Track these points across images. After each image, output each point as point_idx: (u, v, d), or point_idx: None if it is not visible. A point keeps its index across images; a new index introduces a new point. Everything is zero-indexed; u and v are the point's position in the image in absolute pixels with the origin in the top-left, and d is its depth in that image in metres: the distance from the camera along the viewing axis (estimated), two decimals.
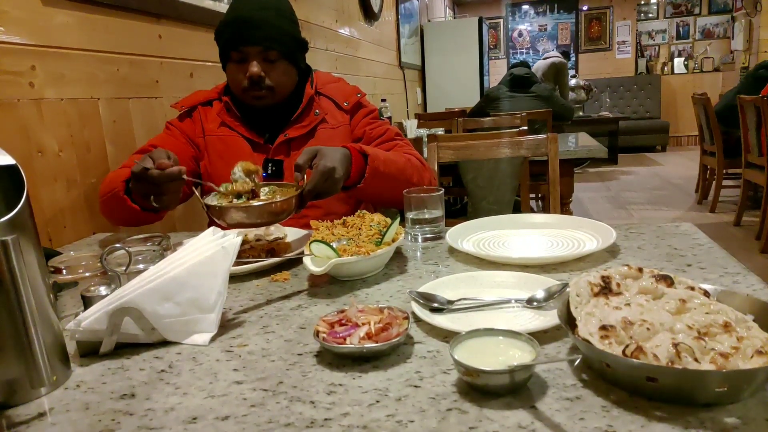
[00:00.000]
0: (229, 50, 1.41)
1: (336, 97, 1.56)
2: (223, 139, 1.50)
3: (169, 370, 0.72)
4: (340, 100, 1.55)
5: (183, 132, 1.53)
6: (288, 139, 1.48)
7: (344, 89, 1.59)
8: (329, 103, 1.55)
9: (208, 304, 0.81)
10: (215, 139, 1.51)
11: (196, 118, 1.54)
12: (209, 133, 1.51)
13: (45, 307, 0.69)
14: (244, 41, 1.38)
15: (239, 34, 1.38)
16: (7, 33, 1.31)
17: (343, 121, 1.54)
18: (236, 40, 1.38)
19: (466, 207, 2.86)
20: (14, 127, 1.34)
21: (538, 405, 0.58)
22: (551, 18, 9.51)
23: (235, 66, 1.42)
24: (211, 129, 1.52)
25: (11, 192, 0.67)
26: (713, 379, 0.54)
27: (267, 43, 1.38)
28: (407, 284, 0.97)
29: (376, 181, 1.30)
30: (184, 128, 1.53)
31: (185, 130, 1.53)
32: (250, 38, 1.37)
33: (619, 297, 0.69)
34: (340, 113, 1.54)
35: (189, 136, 1.53)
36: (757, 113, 3.83)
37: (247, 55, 1.40)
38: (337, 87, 1.59)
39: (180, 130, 1.53)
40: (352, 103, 1.55)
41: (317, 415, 0.59)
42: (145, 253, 0.95)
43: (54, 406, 0.65)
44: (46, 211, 1.41)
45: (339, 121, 1.54)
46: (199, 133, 1.53)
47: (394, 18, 5.41)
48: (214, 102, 1.55)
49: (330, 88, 1.58)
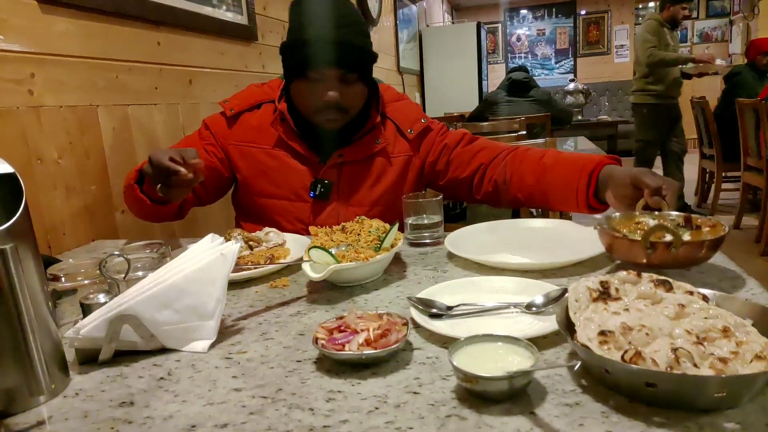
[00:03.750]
0: (306, 70, 1.30)
1: (400, 122, 1.46)
2: (273, 154, 1.40)
3: (168, 378, 0.72)
4: (404, 126, 1.46)
5: (216, 136, 1.43)
6: (342, 162, 1.39)
7: (409, 112, 1.49)
8: (392, 129, 1.46)
9: (207, 311, 0.81)
10: (261, 152, 1.41)
11: (238, 125, 1.43)
12: (253, 143, 1.41)
13: (44, 314, 0.69)
14: (325, 63, 1.28)
15: (320, 56, 1.27)
16: (6, 41, 1.32)
17: (403, 150, 1.45)
18: (315, 61, 1.28)
19: (465, 212, 2.86)
20: (13, 135, 1.34)
21: (537, 411, 0.57)
22: (550, 22, 9.55)
23: (308, 84, 1.32)
24: (256, 140, 1.41)
25: (10, 200, 0.67)
26: (712, 385, 0.54)
27: (350, 67, 1.30)
28: (406, 290, 0.97)
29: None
30: (219, 132, 1.44)
31: (220, 134, 1.43)
32: (332, 61, 1.28)
33: (617, 302, 0.69)
34: (403, 141, 1.45)
35: (221, 142, 1.43)
36: (755, 116, 3.84)
37: (325, 77, 1.29)
38: (401, 108, 1.50)
39: (215, 134, 1.44)
40: (416, 131, 1.45)
41: (316, 422, 0.59)
42: (143, 260, 0.95)
43: (53, 414, 0.65)
44: (45, 218, 1.41)
45: (399, 150, 1.45)
46: (236, 141, 1.42)
47: (393, 23, 5.43)
48: (262, 105, 1.44)
49: (395, 109, 1.48)
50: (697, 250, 0.87)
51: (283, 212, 1.40)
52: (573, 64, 9.51)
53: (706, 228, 0.96)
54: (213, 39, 2.15)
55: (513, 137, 2.46)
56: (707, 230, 0.95)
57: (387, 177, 1.43)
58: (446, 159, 1.45)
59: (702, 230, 0.95)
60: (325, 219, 1.38)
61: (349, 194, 1.41)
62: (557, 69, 9.62)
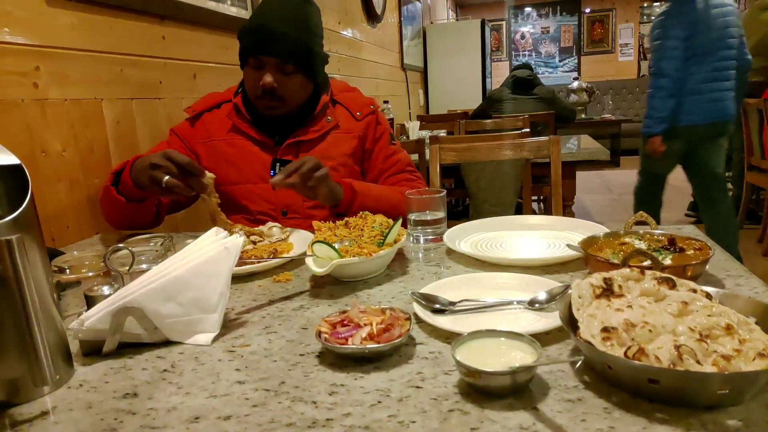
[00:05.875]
0: (247, 56, 1.41)
1: (350, 106, 1.56)
2: (231, 142, 1.49)
3: (171, 370, 0.72)
4: (354, 110, 1.55)
5: (183, 140, 1.52)
6: (297, 141, 1.48)
7: (359, 99, 1.60)
8: (343, 111, 1.55)
9: (211, 304, 0.81)
10: (221, 143, 1.50)
11: (200, 125, 1.53)
12: (214, 137, 1.50)
13: (48, 306, 0.69)
14: (262, 51, 1.38)
15: (259, 43, 1.38)
16: (12, 33, 1.32)
17: (354, 129, 1.54)
18: (255, 47, 1.39)
19: (468, 209, 2.86)
20: (18, 127, 1.34)
21: (539, 406, 0.58)
22: (554, 20, 9.52)
23: (252, 71, 1.42)
24: (216, 133, 1.50)
25: (15, 191, 0.68)
26: (715, 382, 0.54)
27: (284, 57, 1.38)
28: (409, 285, 0.97)
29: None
30: (185, 135, 1.52)
31: (186, 137, 1.52)
32: (268, 49, 1.37)
33: (621, 299, 0.69)
34: (353, 122, 1.54)
35: (188, 144, 1.52)
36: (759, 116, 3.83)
37: (264, 64, 1.39)
38: (352, 96, 1.60)
39: (181, 138, 1.52)
40: (365, 113, 1.55)
41: (319, 415, 0.59)
42: (148, 253, 0.96)
43: (57, 405, 0.65)
44: (49, 210, 1.42)
45: (350, 128, 1.54)
46: (201, 139, 1.51)
47: (397, 20, 5.42)
48: (222, 105, 1.54)
49: (345, 97, 1.58)
50: (679, 275, 0.80)
51: (249, 195, 1.47)
52: (577, 62, 9.48)
53: (690, 251, 0.92)
54: (217, 33, 2.15)
55: (516, 135, 2.46)
56: (691, 253, 0.92)
57: (341, 151, 1.50)
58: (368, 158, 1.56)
59: (686, 252, 0.92)
60: (289, 197, 1.42)
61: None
62: (561, 67, 9.59)
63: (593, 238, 1.01)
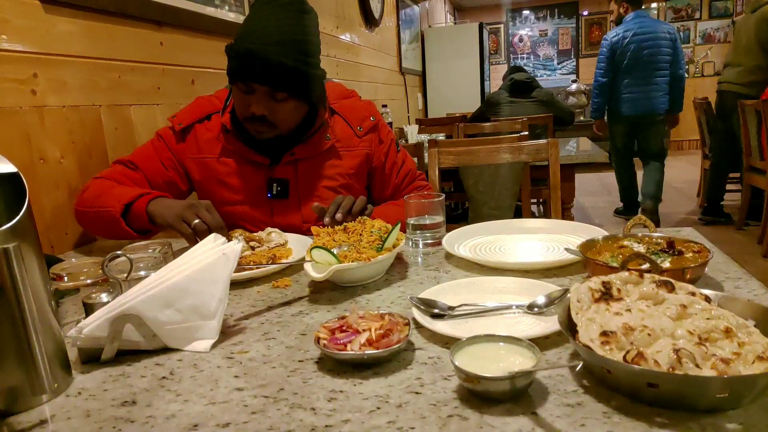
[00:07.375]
0: (236, 80, 1.30)
1: (350, 118, 1.48)
2: (224, 161, 1.42)
3: (170, 377, 0.72)
4: (354, 123, 1.48)
5: (172, 150, 1.44)
6: (295, 159, 1.41)
7: (358, 109, 1.51)
8: (342, 125, 1.48)
9: (209, 310, 0.81)
10: (213, 161, 1.42)
11: (190, 138, 1.44)
12: (206, 155, 1.42)
13: (46, 314, 0.69)
14: (252, 78, 1.27)
15: (249, 69, 1.26)
16: (9, 41, 1.32)
17: (356, 145, 1.48)
18: (244, 73, 1.27)
19: (468, 212, 2.86)
20: (16, 135, 1.34)
21: (538, 411, 0.57)
22: (552, 23, 9.54)
23: (239, 94, 1.32)
24: (208, 150, 1.42)
25: (13, 199, 0.68)
26: (714, 385, 0.54)
27: (277, 85, 1.28)
28: (408, 290, 0.97)
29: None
30: (173, 147, 1.44)
31: (175, 149, 1.44)
32: (258, 77, 1.26)
33: (619, 303, 0.69)
34: (354, 139, 1.48)
35: (177, 156, 1.44)
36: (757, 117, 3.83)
37: (254, 90, 1.29)
38: (351, 105, 1.52)
39: (170, 147, 1.44)
40: (366, 128, 1.49)
41: (318, 421, 0.59)
42: (146, 260, 0.95)
43: (55, 413, 0.65)
44: (47, 217, 1.42)
45: (352, 145, 1.47)
46: (191, 154, 1.43)
47: (395, 24, 5.43)
48: (212, 116, 1.45)
49: (343, 105, 1.50)
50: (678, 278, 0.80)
51: (245, 216, 1.43)
52: (575, 64, 9.49)
53: (689, 253, 0.92)
54: (215, 39, 2.16)
55: (515, 138, 2.46)
56: (690, 255, 0.91)
57: (342, 171, 1.46)
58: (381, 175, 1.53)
59: (685, 255, 0.92)
60: (288, 217, 1.41)
61: (308, 190, 1.43)
62: (559, 69, 9.61)
63: (592, 242, 1.01)
